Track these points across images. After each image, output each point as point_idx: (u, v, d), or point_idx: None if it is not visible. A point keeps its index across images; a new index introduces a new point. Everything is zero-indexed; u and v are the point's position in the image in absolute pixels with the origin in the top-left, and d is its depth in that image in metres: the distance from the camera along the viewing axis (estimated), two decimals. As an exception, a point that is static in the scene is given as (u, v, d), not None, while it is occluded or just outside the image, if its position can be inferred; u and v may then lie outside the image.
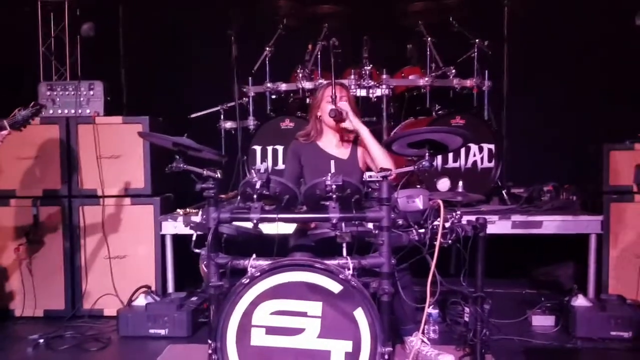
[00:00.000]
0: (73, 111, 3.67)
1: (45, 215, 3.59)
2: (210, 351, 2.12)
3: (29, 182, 3.61)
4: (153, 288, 3.54)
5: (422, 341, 2.63)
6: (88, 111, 3.68)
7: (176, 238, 3.61)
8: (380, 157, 2.79)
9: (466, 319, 2.66)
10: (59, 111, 3.68)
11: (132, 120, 3.63)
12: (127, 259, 3.60)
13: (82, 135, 3.61)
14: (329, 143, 2.98)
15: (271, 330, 2.12)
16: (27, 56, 4.18)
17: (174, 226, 3.57)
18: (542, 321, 3.28)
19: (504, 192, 3.96)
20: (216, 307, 2.18)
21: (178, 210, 3.74)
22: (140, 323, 3.20)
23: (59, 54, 4.45)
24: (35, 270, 3.56)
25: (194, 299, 3.40)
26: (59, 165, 3.62)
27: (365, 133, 2.85)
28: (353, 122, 2.85)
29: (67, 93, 3.73)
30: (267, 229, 2.37)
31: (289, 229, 3.01)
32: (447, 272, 2.43)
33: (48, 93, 3.74)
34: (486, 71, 4.09)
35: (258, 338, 2.12)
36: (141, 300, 3.34)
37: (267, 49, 4.11)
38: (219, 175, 2.21)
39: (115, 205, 3.61)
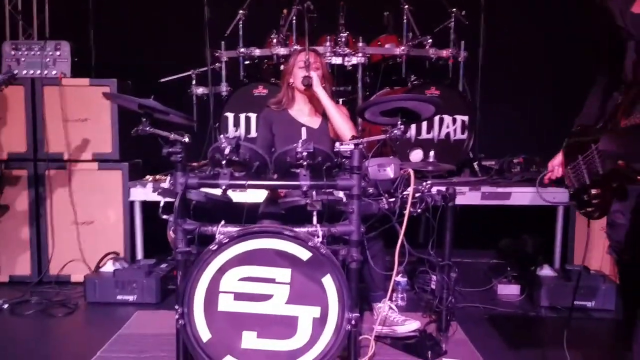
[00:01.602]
0: (39, 72, 3.54)
1: (10, 179, 3.49)
2: (177, 316, 2.11)
3: (-7, 144, 3.51)
4: (121, 255, 3.50)
5: (390, 307, 2.67)
6: (54, 72, 3.56)
7: (145, 205, 3.56)
8: (341, 126, 2.81)
9: (433, 287, 2.70)
10: (24, 72, 3.55)
11: (100, 82, 3.51)
12: (94, 224, 3.54)
13: (47, 97, 3.50)
14: (300, 111, 2.95)
15: (239, 296, 2.11)
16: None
17: (143, 193, 3.52)
18: (508, 290, 3.36)
19: (475, 164, 3.99)
20: (183, 273, 2.16)
21: (147, 176, 3.69)
22: (108, 289, 3.17)
23: (26, 14, 4.29)
24: (1, 236, 3.48)
25: (163, 266, 3.38)
26: (24, 127, 3.51)
27: (325, 100, 2.83)
28: (316, 89, 2.83)
29: (32, 53, 3.59)
30: (237, 197, 2.34)
31: (258, 197, 2.99)
32: (416, 241, 2.45)
33: (12, 53, 3.60)
34: (462, 42, 4.07)
35: (226, 304, 2.11)
36: (109, 267, 3.30)
37: (241, 12, 4.00)
38: (187, 139, 2.15)
39: (83, 169, 3.53)
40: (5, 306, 3.06)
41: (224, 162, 2.14)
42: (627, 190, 1.98)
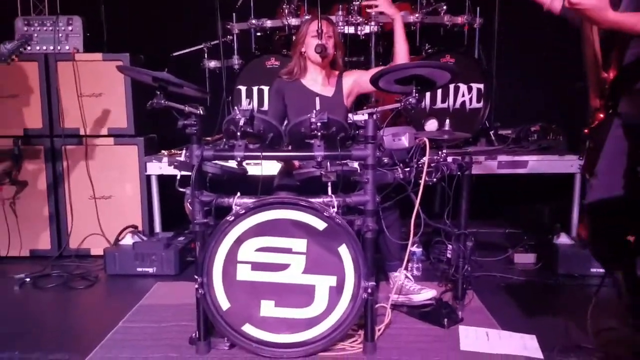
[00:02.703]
0: (52, 48, 3.55)
1: (27, 155, 3.53)
2: (196, 286, 2.14)
3: (9, 121, 3.53)
4: (140, 228, 3.55)
5: (406, 276, 2.68)
6: (67, 47, 3.57)
7: (161, 179, 3.59)
8: (402, 53, 2.92)
9: (449, 256, 2.70)
10: (37, 47, 3.56)
11: (113, 57, 3.51)
12: (112, 199, 3.58)
13: (61, 73, 3.51)
14: (313, 81, 2.92)
15: (257, 266, 2.14)
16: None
17: (159, 167, 3.55)
18: (524, 259, 3.36)
19: (491, 133, 3.95)
20: (201, 244, 2.19)
21: (162, 151, 3.70)
22: (127, 262, 3.22)
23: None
24: (20, 211, 3.54)
25: (181, 238, 3.43)
26: (40, 103, 3.53)
27: (399, 22, 2.94)
28: (387, 10, 2.97)
29: (44, 29, 3.60)
30: (252, 170, 2.35)
31: (273, 169, 3.00)
32: (431, 211, 2.45)
33: (25, 29, 3.61)
34: (478, 8, 3.98)
35: (244, 273, 2.14)
36: (128, 240, 3.35)
37: (252, -18, 3.95)
38: (202, 111, 2.16)
39: (99, 145, 3.56)
40: (28, 280, 3.13)
41: (238, 134, 2.14)
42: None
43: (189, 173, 2.18)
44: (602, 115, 1.89)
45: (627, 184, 1.90)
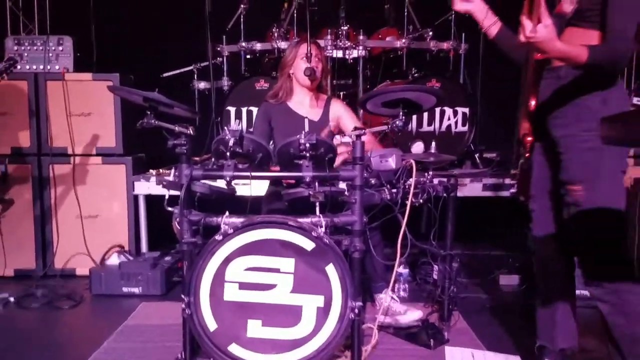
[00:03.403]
0: (42, 67, 3.57)
1: (14, 174, 3.52)
2: (183, 306, 2.14)
3: (-3, 139, 3.53)
4: (126, 248, 3.53)
5: (392, 298, 2.70)
6: (57, 67, 3.59)
7: (149, 199, 3.59)
8: None
9: (435, 277, 2.73)
10: (27, 67, 3.58)
11: (103, 77, 3.54)
12: (99, 218, 3.57)
13: (51, 92, 3.53)
14: (299, 104, 2.97)
15: (244, 286, 2.14)
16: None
17: (147, 186, 3.55)
18: (508, 280, 3.40)
19: (476, 156, 4.01)
20: (189, 263, 2.19)
21: (150, 170, 3.71)
22: (113, 281, 3.20)
23: (27, 10, 4.30)
24: (5, 230, 3.51)
25: (167, 258, 3.42)
26: (28, 122, 3.53)
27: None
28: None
29: (35, 48, 3.62)
30: (241, 190, 2.37)
31: (261, 189, 3.02)
32: (417, 232, 2.47)
33: (15, 48, 3.62)
34: (463, 34, 4.09)
35: (231, 293, 2.14)
36: (114, 260, 3.34)
37: (242, 6, 4.02)
38: (192, 131, 2.18)
39: (86, 164, 3.56)
40: (12, 299, 3.09)
41: (228, 154, 2.16)
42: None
43: (178, 192, 2.19)
44: (530, 139, 2.01)
45: (558, 208, 2.06)
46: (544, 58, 1.86)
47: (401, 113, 2.28)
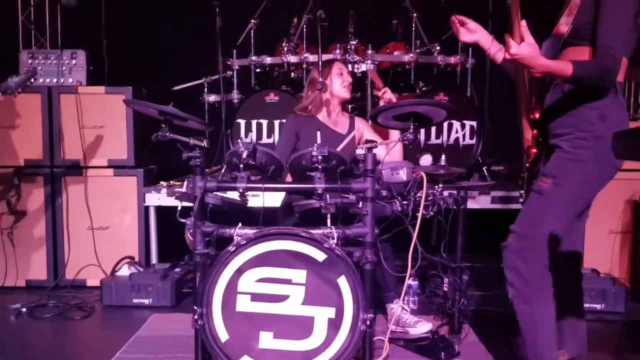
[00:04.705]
0: (55, 80, 3.63)
1: (28, 186, 3.56)
2: (195, 317, 2.15)
3: (11, 151, 3.58)
4: (136, 259, 3.56)
5: (403, 308, 2.71)
6: (70, 80, 3.65)
7: (159, 210, 3.62)
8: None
9: (445, 289, 2.73)
10: (41, 80, 3.63)
11: (115, 90, 3.60)
12: (110, 230, 3.60)
13: (64, 105, 3.58)
14: (328, 117, 3.06)
15: (256, 297, 2.16)
16: (5, 25, 4.09)
17: (158, 198, 3.58)
18: (518, 293, 3.37)
19: (484, 168, 4.03)
20: (202, 275, 2.21)
21: (161, 182, 3.75)
22: (124, 293, 3.22)
23: (39, 23, 4.37)
24: (17, 241, 3.55)
25: (177, 269, 3.44)
26: (41, 135, 3.59)
27: None
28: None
29: (49, 62, 3.69)
30: (253, 202, 2.40)
31: (274, 201, 3.05)
32: (428, 244, 2.49)
33: (29, 61, 3.69)
34: (470, 48, 4.12)
35: (243, 304, 2.16)
36: (125, 271, 3.36)
37: (252, 21, 4.08)
38: (206, 144, 2.21)
39: (98, 176, 3.60)
40: (24, 310, 3.11)
41: (241, 166, 2.19)
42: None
43: (190, 204, 2.22)
44: (534, 150, 2.17)
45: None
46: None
47: (412, 126, 2.31)
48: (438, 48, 4.09)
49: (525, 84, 2.18)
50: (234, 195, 2.32)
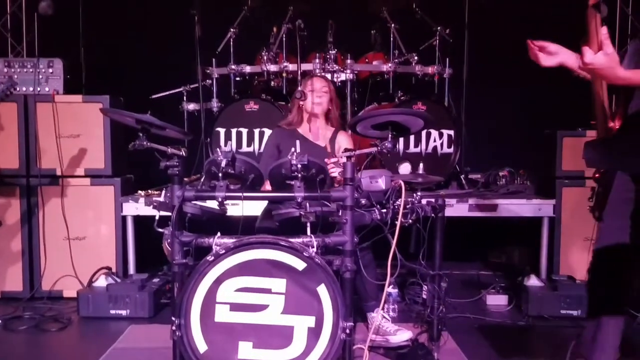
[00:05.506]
0: (32, 89, 3.58)
1: (2, 195, 3.50)
2: (173, 328, 2.13)
3: (-15, 161, 3.52)
4: (114, 270, 3.51)
5: (383, 317, 2.72)
6: (47, 89, 3.60)
7: (137, 220, 3.58)
8: None
9: (424, 297, 2.75)
10: (17, 89, 3.56)
11: (93, 99, 3.56)
12: (87, 240, 3.55)
13: (41, 114, 3.53)
14: (307, 131, 3.13)
15: (235, 307, 2.14)
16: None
17: (135, 207, 3.55)
18: (496, 300, 3.43)
19: (462, 177, 4.07)
20: (180, 285, 2.19)
21: (139, 192, 3.71)
22: (101, 304, 3.18)
23: (16, 32, 4.32)
24: (-9, 251, 3.49)
25: (155, 280, 3.40)
26: (17, 144, 3.53)
27: None
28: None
29: (25, 70, 3.63)
30: (232, 210, 2.39)
31: (254, 210, 3.04)
32: (407, 252, 2.50)
33: (5, 70, 3.63)
34: (447, 59, 4.18)
35: (222, 314, 2.14)
36: (102, 282, 3.31)
37: (232, 30, 4.08)
38: (184, 153, 2.20)
39: (75, 185, 3.55)
40: (-2, 322, 3.06)
41: (220, 174, 2.19)
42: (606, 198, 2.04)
43: (169, 213, 2.21)
44: None
45: (632, 231, 2.00)
46: None
47: (390, 135, 2.33)
48: (416, 58, 4.14)
49: (602, 94, 1.93)
50: (213, 204, 2.31)
